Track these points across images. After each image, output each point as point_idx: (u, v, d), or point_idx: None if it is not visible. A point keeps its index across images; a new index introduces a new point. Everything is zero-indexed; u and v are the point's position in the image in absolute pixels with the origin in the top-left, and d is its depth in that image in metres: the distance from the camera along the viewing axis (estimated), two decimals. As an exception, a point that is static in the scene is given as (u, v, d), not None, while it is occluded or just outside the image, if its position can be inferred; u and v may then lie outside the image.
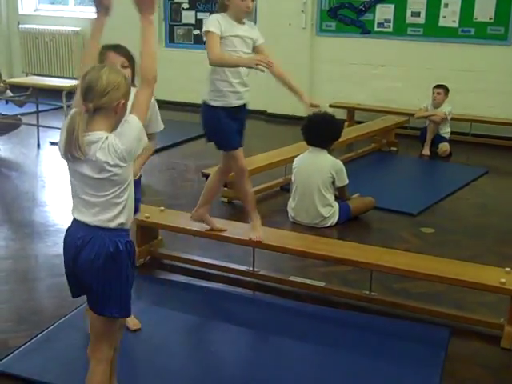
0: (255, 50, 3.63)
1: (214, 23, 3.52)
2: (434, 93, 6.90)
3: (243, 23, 3.59)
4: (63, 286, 3.67)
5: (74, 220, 2.30)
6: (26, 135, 6.94)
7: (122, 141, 2.18)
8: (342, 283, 3.80)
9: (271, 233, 3.88)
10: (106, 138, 2.17)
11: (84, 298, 3.27)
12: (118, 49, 2.93)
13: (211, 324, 3.32)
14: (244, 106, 3.69)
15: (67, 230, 2.34)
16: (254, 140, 4.19)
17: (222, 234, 3.86)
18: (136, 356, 3.06)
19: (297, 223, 4.72)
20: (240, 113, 3.67)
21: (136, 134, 2.21)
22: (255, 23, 8.27)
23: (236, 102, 3.62)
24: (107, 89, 2.16)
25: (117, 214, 2.25)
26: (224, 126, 3.63)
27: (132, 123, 2.21)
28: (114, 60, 2.87)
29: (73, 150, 2.15)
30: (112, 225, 2.24)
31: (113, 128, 2.23)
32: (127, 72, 2.82)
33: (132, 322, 3.15)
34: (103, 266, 2.23)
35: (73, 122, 2.16)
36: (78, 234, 2.26)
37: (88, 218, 2.24)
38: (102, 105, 2.17)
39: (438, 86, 6.90)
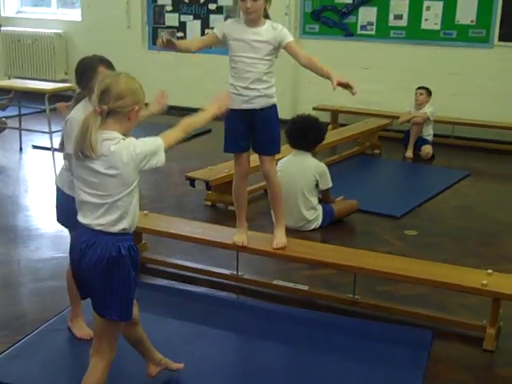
0: (286, 50, 3.56)
1: (219, 25, 3.62)
2: (416, 93, 6.96)
3: (259, 26, 3.49)
4: (46, 290, 3.69)
5: (80, 224, 2.34)
6: (8, 139, 6.89)
7: (141, 146, 2.27)
8: (325, 286, 3.81)
9: (255, 236, 3.87)
10: (123, 138, 2.25)
11: (66, 302, 3.29)
12: (106, 63, 3.03)
13: (195, 328, 3.32)
14: (258, 111, 3.55)
15: (74, 234, 2.40)
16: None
17: (205, 237, 3.85)
18: (118, 360, 3.04)
19: (281, 226, 4.72)
20: (251, 118, 3.57)
21: (155, 148, 2.30)
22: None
23: (243, 106, 3.53)
24: (124, 93, 2.24)
25: (119, 217, 2.28)
26: (226, 127, 3.64)
27: (157, 140, 2.32)
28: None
29: (84, 149, 2.21)
30: (115, 229, 2.28)
31: (125, 134, 2.29)
32: None
33: None
34: (105, 270, 2.27)
35: (86, 122, 2.22)
36: (82, 237, 2.31)
37: (91, 221, 2.28)
38: (116, 108, 2.24)
39: (420, 88, 6.97)
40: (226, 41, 3.54)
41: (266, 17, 3.58)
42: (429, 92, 6.95)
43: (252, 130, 3.61)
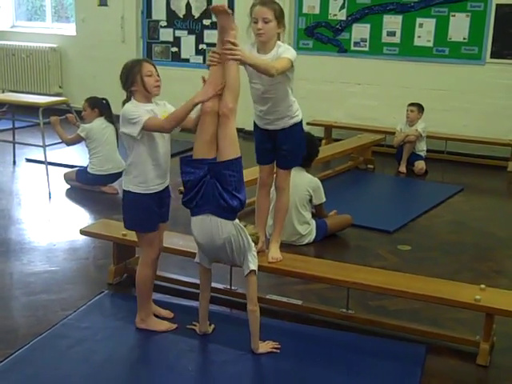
0: None
1: None
2: (407, 110, 7.00)
3: (269, 52, 3.46)
4: (38, 304, 3.67)
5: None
6: (1, 152, 6.89)
7: None
8: (318, 301, 3.80)
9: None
10: None
11: (58, 316, 3.28)
12: (150, 61, 3.23)
13: (188, 342, 3.30)
14: (279, 131, 3.65)
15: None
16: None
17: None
18: (113, 376, 3.04)
19: (274, 241, 4.71)
20: (273, 135, 3.67)
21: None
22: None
23: (263, 126, 3.66)
24: None
25: None
26: (255, 140, 3.78)
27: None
28: (151, 69, 3.16)
29: None
30: None
31: None
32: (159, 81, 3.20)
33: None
34: None
35: None
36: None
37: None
38: None
39: (411, 104, 7.01)
40: (245, 66, 3.42)
41: (279, 39, 3.59)
42: (420, 108, 6.99)
43: (274, 144, 3.71)
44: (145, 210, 3.21)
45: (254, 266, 3.15)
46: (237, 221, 3.11)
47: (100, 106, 6.00)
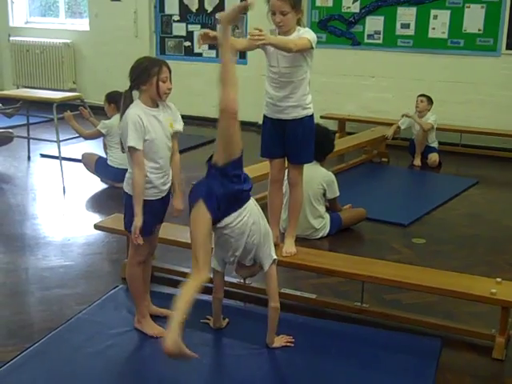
0: None
1: None
2: (417, 100, 6.95)
3: (289, 34, 3.52)
4: (53, 299, 3.69)
5: None
6: (16, 148, 6.92)
7: None
8: (333, 295, 3.79)
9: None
10: None
11: (73, 311, 3.29)
12: (168, 64, 3.14)
13: (203, 336, 3.31)
14: (289, 121, 3.61)
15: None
16: (245, 152, 4.17)
17: (213, 246, 3.83)
18: (127, 370, 3.05)
19: (288, 234, 4.70)
20: (283, 126, 3.64)
21: None
22: (245, 35, 8.33)
23: (275, 115, 3.61)
24: None
25: None
26: (262, 133, 3.75)
27: None
28: (168, 75, 3.11)
29: None
30: None
31: None
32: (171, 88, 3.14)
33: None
34: None
35: None
36: None
37: None
38: None
39: (421, 95, 6.96)
40: (264, 50, 3.57)
41: (300, 25, 3.63)
42: (429, 100, 6.93)
43: (284, 138, 3.67)
44: (145, 215, 3.11)
45: (274, 255, 3.18)
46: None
47: (116, 101, 5.95)
